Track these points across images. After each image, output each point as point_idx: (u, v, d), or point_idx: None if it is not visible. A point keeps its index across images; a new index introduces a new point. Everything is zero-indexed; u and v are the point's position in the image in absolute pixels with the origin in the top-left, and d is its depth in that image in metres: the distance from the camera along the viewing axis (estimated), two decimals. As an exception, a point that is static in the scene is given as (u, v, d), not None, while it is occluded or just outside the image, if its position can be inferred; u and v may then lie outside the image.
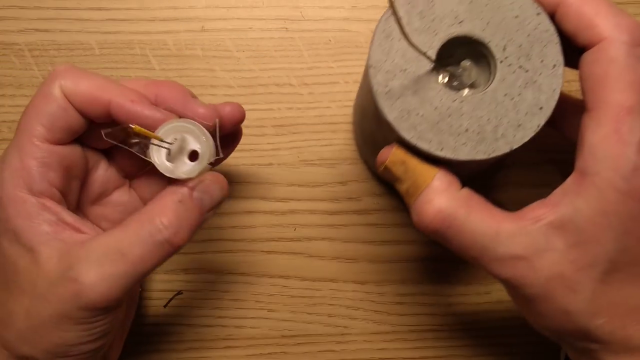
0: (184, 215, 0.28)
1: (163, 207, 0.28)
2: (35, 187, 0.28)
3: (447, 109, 0.30)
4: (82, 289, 0.27)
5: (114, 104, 0.29)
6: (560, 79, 0.30)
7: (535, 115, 0.30)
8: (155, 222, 0.28)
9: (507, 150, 0.30)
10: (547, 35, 0.30)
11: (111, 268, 0.27)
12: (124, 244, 0.27)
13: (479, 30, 0.30)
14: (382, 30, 0.30)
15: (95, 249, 0.27)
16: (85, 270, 0.27)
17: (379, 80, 0.30)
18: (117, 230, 0.28)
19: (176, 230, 0.28)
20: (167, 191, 0.29)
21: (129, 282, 0.28)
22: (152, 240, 0.27)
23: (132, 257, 0.27)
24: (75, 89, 0.29)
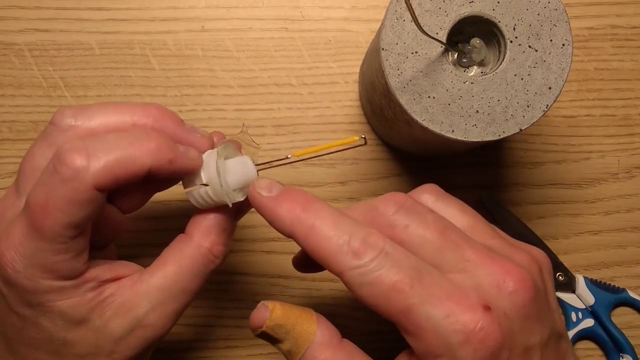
0: (227, 241, 0.30)
1: (211, 238, 0.29)
2: (72, 275, 0.27)
3: (458, 90, 0.30)
4: (155, 332, 0.28)
5: (154, 170, 0.27)
6: (569, 58, 0.30)
7: (544, 95, 0.30)
8: (208, 256, 0.29)
9: (516, 131, 0.30)
10: (557, 13, 0.30)
11: (176, 305, 0.29)
12: (183, 282, 0.29)
13: (489, 9, 0.30)
14: (394, 12, 0.30)
15: (155, 292, 0.28)
16: (152, 315, 0.28)
17: (390, 63, 0.30)
18: (169, 267, 0.29)
19: (222, 257, 0.30)
20: (209, 218, 0.29)
21: (186, 308, 0.30)
22: (207, 271, 0.29)
23: (192, 290, 0.29)
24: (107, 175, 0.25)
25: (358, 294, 0.25)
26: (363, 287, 0.24)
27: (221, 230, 0.29)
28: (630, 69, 0.42)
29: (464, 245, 0.26)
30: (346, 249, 0.25)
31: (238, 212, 0.31)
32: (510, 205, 0.42)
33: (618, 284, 0.41)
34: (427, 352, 0.24)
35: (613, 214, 0.42)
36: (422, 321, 0.24)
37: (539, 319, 0.25)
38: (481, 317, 0.23)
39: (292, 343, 0.27)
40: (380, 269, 0.24)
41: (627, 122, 0.42)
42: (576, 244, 0.42)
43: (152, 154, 0.26)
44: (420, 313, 0.24)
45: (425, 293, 0.24)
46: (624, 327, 0.41)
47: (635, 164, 0.42)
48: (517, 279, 0.25)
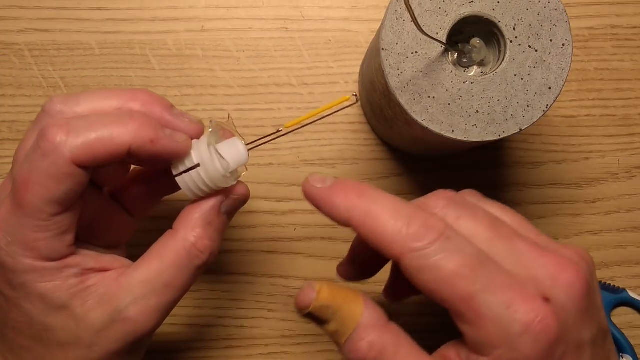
0: (215, 235, 0.29)
1: (196, 232, 0.28)
2: (53, 256, 0.27)
3: (458, 90, 0.30)
4: (136, 326, 0.27)
5: (135, 149, 0.26)
6: (569, 58, 0.30)
7: (544, 95, 0.30)
8: (193, 251, 0.28)
9: (516, 131, 0.30)
10: (557, 13, 0.30)
11: (158, 300, 0.28)
12: (166, 276, 0.28)
13: (489, 9, 0.30)
14: (394, 12, 0.30)
15: (137, 285, 0.28)
16: (133, 308, 0.27)
17: (390, 63, 0.30)
18: (153, 262, 0.28)
19: (211, 252, 0.29)
20: (195, 210, 0.29)
21: (173, 306, 0.29)
22: (192, 266, 0.28)
23: (177, 286, 0.28)
24: (86, 150, 0.26)
25: (418, 279, 0.24)
26: (423, 272, 0.24)
27: (206, 224, 0.29)
28: (630, 69, 0.42)
29: (514, 238, 0.25)
30: (405, 232, 0.24)
31: (230, 208, 0.30)
32: (510, 205, 0.41)
33: (618, 284, 0.41)
34: (484, 342, 0.23)
35: (613, 214, 0.42)
36: (483, 309, 0.23)
37: (591, 315, 0.25)
38: (541, 307, 0.23)
39: (339, 324, 0.26)
40: (442, 252, 0.24)
41: (627, 122, 0.42)
42: (576, 244, 0.42)
43: (132, 132, 0.26)
44: (482, 300, 0.23)
45: (487, 280, 0.23)
46: (624, 327, 0.41)
47: (635, 164, 0.42)
48: (572, 271, 0.24)
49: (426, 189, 0.41)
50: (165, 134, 0.27)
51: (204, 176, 0.28)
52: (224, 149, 0.29)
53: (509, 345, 0.23)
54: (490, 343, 0.23)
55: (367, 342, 0.25)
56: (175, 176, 0.29)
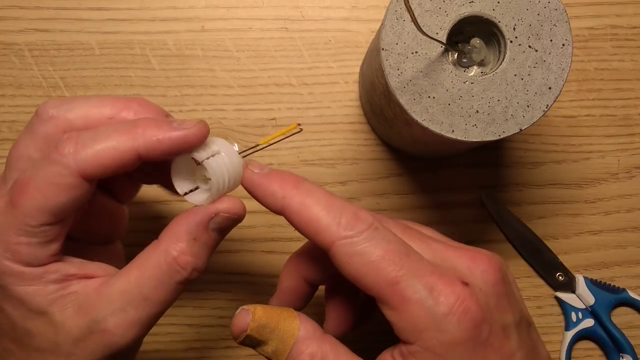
0: (200, 252, 0.28)
1: (177, 246, 0.27)
2: (34, 262, 0.26)
3: (458, 90, 0.30)
4: (112, 339, 0.27)
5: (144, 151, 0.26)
6: (569, 58, 0.30)
7: (544, 95, 0.30)
8: (173, 265, 0.27)
9: (516, 131, 0.30)
10: (557, 13, 0.30)
11: (137, 313, 0.27)
12: (145, 289, 0.27)
13: (489, 9, 0.30)
14: (394, 12, 0.30)
15: (116, 296, 0.27)
16: (111, 319, 0.26)
17: (390, 63, 0.30)
18: (133, 273, 0.27)
19: (193, 268, 0.27)
20: (180, 226, 0.27)
21: (154, 321, 0.28)
22: (173, 281, 0.27)
23: (156, 300, 0.27)
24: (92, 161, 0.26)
25: (347, 266, 0.25)
26: (352, 258, 0.25)
27: (191, 239, 0.27)
28: (630, 69, 0.42)
29: (427, 240, 0.28)
30: (337, 222, 0.26)
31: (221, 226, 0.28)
32: (510, 205, 0.42)
33: (618, 284, 0.41)
34: (411, 327, 0.25)
35: (613, 214, 0.42)
36: (408, 292, 0.25)
37: (510, 301, 0.27)
38: (462, 290, 0.25)
39: (278, 342, 0.27)
40: (370, 240, 0.25)
41: (627, 122, 0.42)
42: (576, 244, 0.42)
43: (137, 138, 0.26)
44: (407, 284, 0.25)
45: (412, 267, 0.25)
46: (624, 327, 0.41)
47: (635, 164, 0.42)
48: (485, 261, 0.27)
49: (426, 189, 0.41)
50: (172, 127, 0.27)
51: (229, 164, 0.27)
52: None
53: (435, 328, 0.24)
54: (417, 327, 0.25)
55: (308, 354, 0.26)
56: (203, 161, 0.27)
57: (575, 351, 0.41)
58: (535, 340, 0.28)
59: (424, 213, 0.41)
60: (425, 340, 0.24)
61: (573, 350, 0.41)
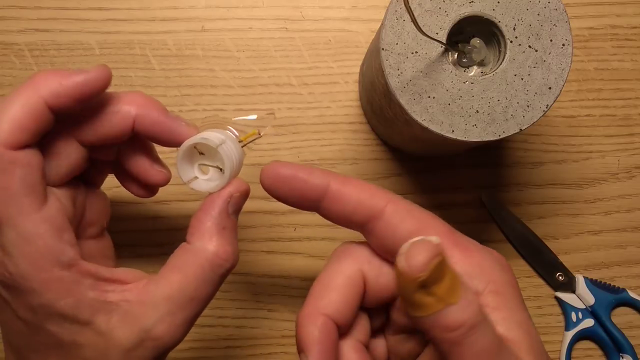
0: (232, 238, 0.28)
1: (214, 241, 0.28)
2: (63, 259, 0.26)
3: (458, 90, 0.30)
4: (164, 342, 0.27)
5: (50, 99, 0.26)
6: (569, 58, 0.30)
7: (544, 95, 0.30)
8: (216, 261, 0.27)
9: (516, 131, 0.30)
10: (557, 13, 0.30)
11: (184, 314, 0.27)
12: (190, 290, 0.27)
13: (490, 9, 0.30)
14: (394, 12, 0.30)
15: (161, 302, 0.27)
16: (160, 326, 0.27)
17: (390, 63, 0.30)
18: (174, 277, 0.27)
19: (234, 257, 0.28)
20: (206, 218, 0.28)
21: (198, 316, 0.28)
22: (216, 276, 0.28)
23: (202, 298, 0.27)
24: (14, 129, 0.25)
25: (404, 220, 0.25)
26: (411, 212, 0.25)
27: (221, 229, 0.28)
28: (630, 69, 0.42)
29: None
30: (384, 190, 0.26)
31: (237, 207, 0.29)
32: (510, 205, 0.42)
33: (618, 284, 0.41)
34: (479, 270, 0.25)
35: (613, 214, 0.42)
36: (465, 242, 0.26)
37: None
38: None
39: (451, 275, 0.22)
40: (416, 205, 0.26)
41: (627, 122, 0.42)
42: (576, 244, 0.42)
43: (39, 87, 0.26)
44: (461, 236, 0.26)
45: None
46: (624, 327, 0.41)
47: (635, 164, 0.42)
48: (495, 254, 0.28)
49: (426, 189, 0.41)
50: (73, 72, 0.27)
51: (235, 151, 0.29)
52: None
53: (498, 269, 0.25)
54: (485, 270, 0.25)
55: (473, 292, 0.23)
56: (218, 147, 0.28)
57: (575, 351, 0.41)
58: None
59: (424, 213, 0.41)
60: (494, 283, 0.24)
61: (573, 350, 0.41)
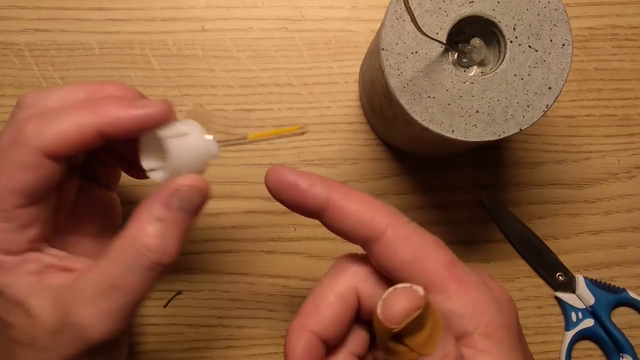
0: (167, 232, 0.26)
1: (141, 228, 0.26)
2: (13, 249, 0.26)
3: (458, 90, 0.30)
4: (85, 332, 0.26)
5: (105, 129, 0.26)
6: (569, 58, 0.30)
7: (544, 95, 0.30)
8: (138, 248, 0.26)
9: (516, 131, 0.30)
10: (557, 13, 0.30)
11: (108, 304, 0.26)
12: (113, 277, 0.26)
13: (490, 9, 0.30)
14: (394, 12, 0.30)
15: (86, 288, 0.26)
16: (82, 312, 0.25)
17: (390, 63, 0.30)
18: (102, 263, 0.26)
19: (162, 250, 0.26)
20: (143, 208, 0.26)
21: (128, 312, 0.26)
22: (140, 266, 0.26)
23: (125, 288, 0.26)
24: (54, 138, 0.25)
25: (403, 247, 0.24)
26: (411, 238, 0.24)
27: (154, 220, 0.26)
28: (630, 69, 0.42)
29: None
30: (389, 209, 0.25)
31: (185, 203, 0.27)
32: (510, 205, 0.42)
33: (618, 284, 0.41)
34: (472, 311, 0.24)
35: (613, 214, 0.42)
36: (463, 276, 0.24)
37: None
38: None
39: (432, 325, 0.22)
40: (420, 227, 0.25)
41: (627, 122, 0.42)
42: (576, 244, 0.42)
43: (98, 115, 0.26)
44: (462, 268, 0.24)
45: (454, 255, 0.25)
46: (624, 327, 0.41)
47: (635, 164, 0.42)
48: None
49: (426, 189, 0.41)
50: (135, 105, 0.26)
51: (192, 148, 0.27)
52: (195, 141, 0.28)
53: (494, 310, 0.24)
54: (478, 311, 0.24)
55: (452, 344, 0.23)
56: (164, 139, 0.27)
57: (575, 351, 0.41)
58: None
59: (423, 213, 0.41)
60: (485, 325, 0.23)
61: (573, 350, 0.41)
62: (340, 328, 0.26)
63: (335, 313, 0.25)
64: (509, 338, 0.24)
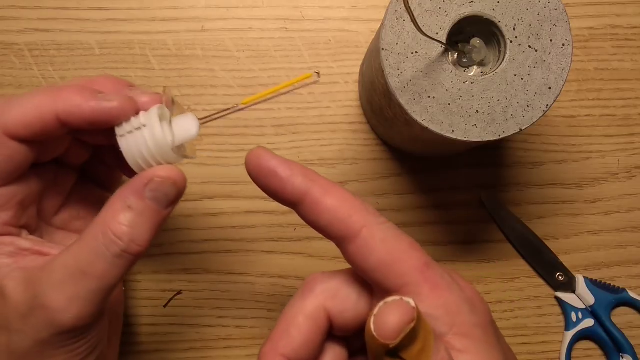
0: (138, 221, 0.26)
1: (113, 216, 0.26)
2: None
3: (458, 90, 0.30)
4: (54, 315, 0.26)
5: (63, 115, 0.26)
6: (569, 58, 0.30)
7: (544, 95, 0.30)
8: (109, 236, 0.26)
9: (516, 131, 0.30)
10: (557, 13, 0.30)
11: (76, 288, 0.26)
12: (83, 262, 0.26)
13: (490, 9, 0.30)
14: (394, 12, 0.30)
15: (56, 270, 0.26)
16: (51, 295, 0.26)
17: (390, 63, 0.30)
18: (74, 247, 0.26)
19: (131, 239, 0.26)
20: (116, 196, 0.27)
21: (98, 298, 0.26)
22: (109, 253, 0.26)
23: (94, 274, 0.26)
24: (16, 120, 0.26)
25: (377, 249, 0.24)
26: (386, 241, 0.24)
27: (125, 207, 0.26)
28: (630, 69, 0.42)
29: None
30: (366, 208, 0.24)
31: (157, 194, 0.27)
32: (510, 205, 0.42)
33: (618, 284, 0.41)
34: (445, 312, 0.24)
35: (613, 214, 0.42)
36: (438, 278, 0.24)
37: None
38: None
39: (425, 338, 0.22)
40: (397, 229, 0.25)
41: (627, 122, 0.42)
42: (576, 244, 0.42)
43: (58, 101, 0.26)
44: (436, 271, 0.24)
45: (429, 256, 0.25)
46: (624, 327, 0.41)
47: (635, 164, 0.42)
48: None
49: (426, 189, 0.41)
50: (96, 97, 0.26)
51: (149, 141, 0.26)
52: (175, 120, 0.27)
53: (467, 311, 0.24)
54: (451, 312, 0.23)
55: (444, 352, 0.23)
56: (118, 137, 0.27)
57: (575, 351, 0.41)
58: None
59: (423, 213, 0.41)
60: (460, 326, 0.23)
61: (573, 350, 0.41)
62: (311, 349, 0.25)
63: (304, 335, 0.25)
64: (486, 336, 0.24)
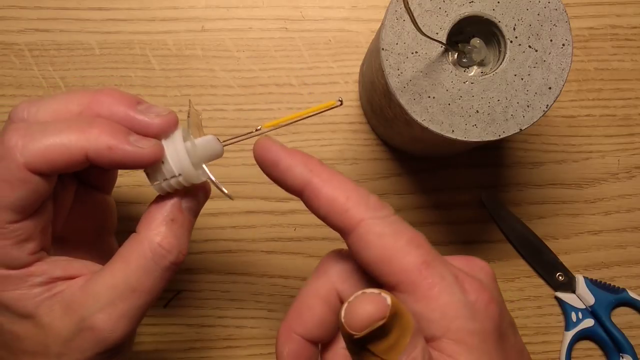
0: (180, 232, 0.27)
1: (160, 231, 0.27)
2: (15, 264, 0.26)
3: (458, 90, 0.30)
4: (102, 335, 0.26)
5: (93, 155, 0.25)
6: (569, 58, 0.30)
7: (544, 95, 0.30)
8: (159, 251, 0.27)
9: (516, 131, 0.30)
10: (557, 13, 0.30)
11: (125, 306, 0.26)
12: (132, 280, 0.26)
13: (490, 9, 0.30)
14: (394, 12, 0.31)
15: (103, 292, 0.26)
16: (99, 316, 0.26)
17: (390, 63, 0.30)
18: (117, 266, 0.27)
19: (178, 250, 0.27)
20: (156, 210, 0.28)
21: (144, 312, 0.27)
22: (159, 268, 0.27)
23: (143, 290, 0.27)
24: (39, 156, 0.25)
25: (374, 245, 0.23)
26: (383, 237, 0.23)
27: (169, 221, 0.27)
28: (630, 69, 0.42)
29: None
30: (366, 201, 0.24)
31: (193, 205, 0.28)
32: (510, 205, 0.42)
33: (618, 284, 0.41)
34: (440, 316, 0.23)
35: (613, 214, 0.42)
36: (437, 279, 0.23)
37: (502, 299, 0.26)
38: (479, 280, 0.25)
39: (400, 331, 0.21)
40: (399, 223, 0.24)
41: (627, 122, 0.42)
42: (576, 244, 0.42)
43: (88, 139, 0.25)
44: (436, 270, 0.23)
45: (436, 253, 0.24)
46: (624, 327, 0.41)
47: (635, 164, 0.42)
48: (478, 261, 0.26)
49: (426, 189, 0.41)
50: (128, 140, 0.26)
51: (184, 182, 0.27)
52: (200, 148, 0.28)
53: (465, 316, 0.23)
54: (447, 316, 0.23)
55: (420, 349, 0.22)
56: (154, 186, 0.28)
57: (575, 351, 0.41)
58: (522, 344, 0.27)
59: (424, 213, 0.41)
60: (455, 332, 0.22)
61: (573, 350, 0.41)
62: (325, 329, 0.26)
63: (318, 315, 0.25)
64: (483, 345, 0.23)
